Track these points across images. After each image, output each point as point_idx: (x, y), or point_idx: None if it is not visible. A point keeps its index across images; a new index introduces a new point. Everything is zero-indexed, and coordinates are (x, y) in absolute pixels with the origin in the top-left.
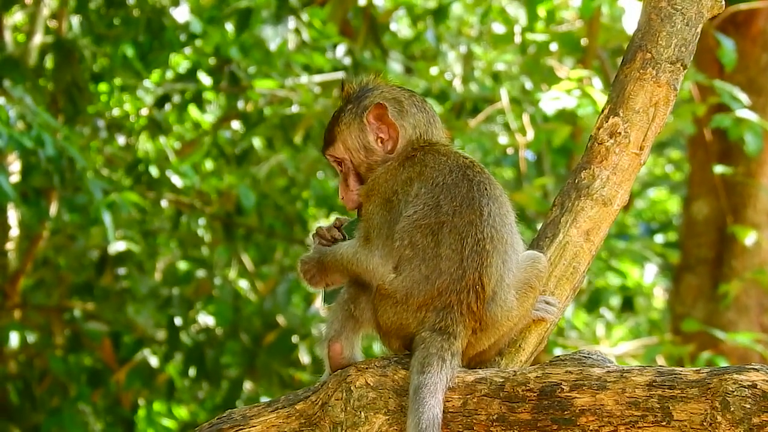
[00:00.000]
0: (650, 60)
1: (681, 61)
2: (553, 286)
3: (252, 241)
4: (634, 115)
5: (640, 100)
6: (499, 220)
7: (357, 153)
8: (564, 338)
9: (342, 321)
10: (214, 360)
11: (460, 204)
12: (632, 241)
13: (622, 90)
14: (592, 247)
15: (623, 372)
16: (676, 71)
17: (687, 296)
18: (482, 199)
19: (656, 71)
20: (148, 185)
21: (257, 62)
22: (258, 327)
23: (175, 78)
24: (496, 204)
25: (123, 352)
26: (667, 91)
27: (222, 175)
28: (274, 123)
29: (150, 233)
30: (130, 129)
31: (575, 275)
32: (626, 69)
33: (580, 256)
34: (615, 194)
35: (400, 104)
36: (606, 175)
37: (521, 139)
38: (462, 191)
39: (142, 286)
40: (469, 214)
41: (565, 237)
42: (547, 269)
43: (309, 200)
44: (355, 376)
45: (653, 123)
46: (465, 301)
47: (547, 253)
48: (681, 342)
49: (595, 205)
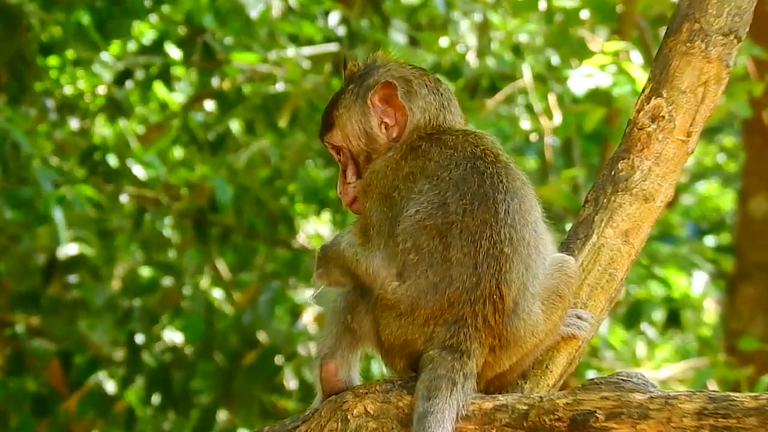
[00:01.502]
0: (699, 31)
1: (735, 32)
2: (585, 296)
3: (229, 243)
4: (680, 96)
5: (687, 78)
6: (519, 218)
7: (356, 140)
8: (598, 359)
9: (337, 336)
10: (182, 384)
11: (470, 202)
12: (678, 245)
13: (665, 67)
14: (632, 250)
15: (668, 398)
16: (729, 44)
17: (743, 309)
18: (497, 195)
19: (706, 44)
20: (106, 177)
21: (235, 32)
22: (235, 345)
23: (138, 50)
24: (516, 199)
25: (74, 374)
26: (719, 67)
27: (193, 165)
28: (255, 103)
29: (107, 233)
30: (85, 110)
31: (612, 284)
32: (671, 42)
33: (617, 261)
34: (658, 188)
35: (409, 84)
36: (647, 165)
37: (547, 124)
38: (472, 187)
39: (97, 296)
40: (482, 213)
41: (599, 239)
42: (577, 275)
43: (296, 194)
44: (352, 403)
45: (702, 105)
46: (481, 314)
47: (578, 258)
48: (737, 363)
49: (635, 201)
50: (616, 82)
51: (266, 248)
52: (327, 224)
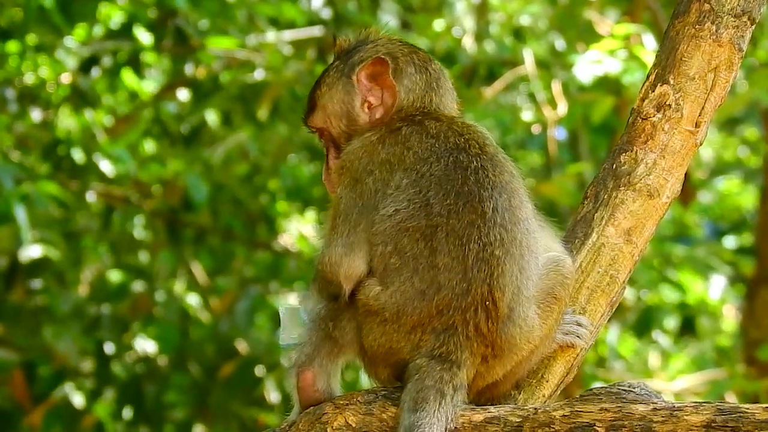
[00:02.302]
0: (709, 12)
1: (748, 14)
2: (584, 300)
3: (204, 245)
4: (688, 83)
5: (695, 63)
6: (509, 216)
7: (337, 120)
8: (606, 370)
9: (316, 343)
10: (155, 397)
11: (455, 202)
12: (695, 246)
13: (672, 51)
14: (635, 250)
15: (673, 410)
16: (741, 27)
17: (764, 316)
18: (483, 192)
19: (716, 27)
20: (71, 173)
21: (211, 15)
22: (212, 355)
23: (105, 35)
24: (504, 195)
25: (39, 387)
26: (730, 52)
27: (165, 160)
28: (233, 93)
29: (73, 234)
30: (48, 100)
31: (613, 286)
32: (678, 24)
33: (619, 262)
34: (663, 183)
35: (395, 60)
36: (652, 158)
37: (551, 114)
38: (455, 185)
39: (63, 302)
40: (468, 214)
41: (600, 237)
42: (574, 275)
43: (277, 192)
44: (332, 415)
45: (712, 92)
46: (472, 322)
47: (577, 258)
48: (756, 375)
49: (639, 197)
50: (627, 69)
51: (245, 251)
52: (311, 224)
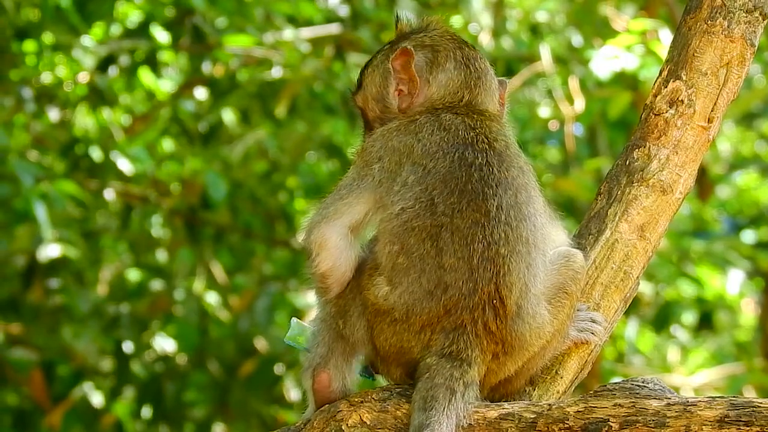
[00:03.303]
0: (720, 8)
1: (760, 9)
2: (598, 296)
3: (223, 243)
4: (701, 79)
5: (707, 59)
6: (515, 213)
7: (373, 104)
8: (624, 365)
9: (329, 343)
10: (174, 396)
11: (458, 200)
12: (712, 241)
13: (685, 46)
14: (648, 246)
15: (687, 405)
16: (753, 22)
17: None
18: (487, 191)
19: (728, 22)
20: (89, 172)
21: (228, 13)
22: (231, 354)
23: (122, 34)
24: (510, 191)
25: (58, 386)
26: (743, 47)
27: (184, 159)
28: (250, 91)
29: (92, 234)
30: (65, 100)
31: (627, 282)
32: (690, 20)
33: (632, 258)
34: (677, 179)
35: (435, 54)
36: (665, 154)
37: (568, 110)
38: (459, 183)
39: (81, 302)
40: (472, 212)
41: (613, 233)
42: (584, 269)
43: (296, 190)
44: (347, 413)
45: (724, 88)
46: (481, 320)
47: (591, 254)
48: None
49: (652, 193)
50: (644, 64)
51: (264, 248)
52: None
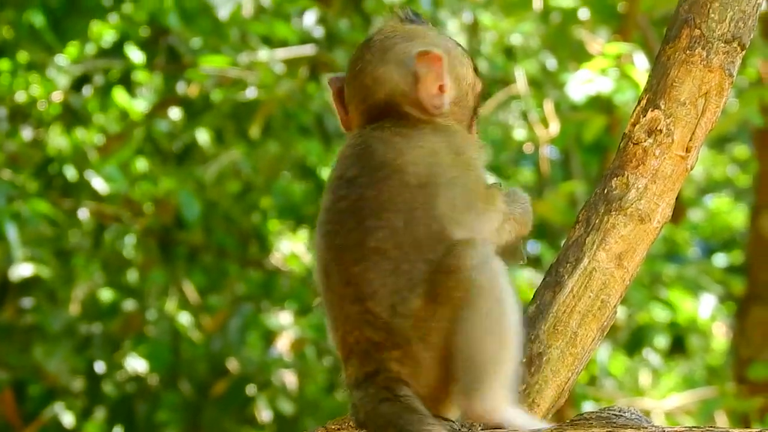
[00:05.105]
0: (699, 38)
1: (738, 39)
2: (575, 324)
3: (196, 264)
4: (679, 108)
5: (686, 88)
6: (359, 233)
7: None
8: (597, 389)
9: None
10: (146, 416)
11: (319, 234)
12: (685, 265)
13: (663, 76)
14: (626, 274)
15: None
16: (731, 52)
17: (755, 335)
18: (339, 204)
19: (707, 52)
20: (63, 191)
21: (203, 33)
22: (203, 374)
23: (96, 54)
24: (365, 209)
25: (29, 406)
26: (721, 77)
27: (157, 179)
28: (225, 111)
29: (65, 253)
30: (39, 119)
31: (604, 311)
32: (669, 49)
33: (610, 287)
34: (654, 208)
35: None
36: (643, 183)
37: (543, 133)
38: (327, 202)
39: (53, 321)
40: (326, 244)
41: (591, 262)
42: (464, 264)
43: (270, 210)
44: None
45: (703, 118)
46: (363, 339)
47: (568, 283)
48: (747, 393)
49: (630, 222)
50: (618, 88)
51: (237, 269)
52: (304, 243)
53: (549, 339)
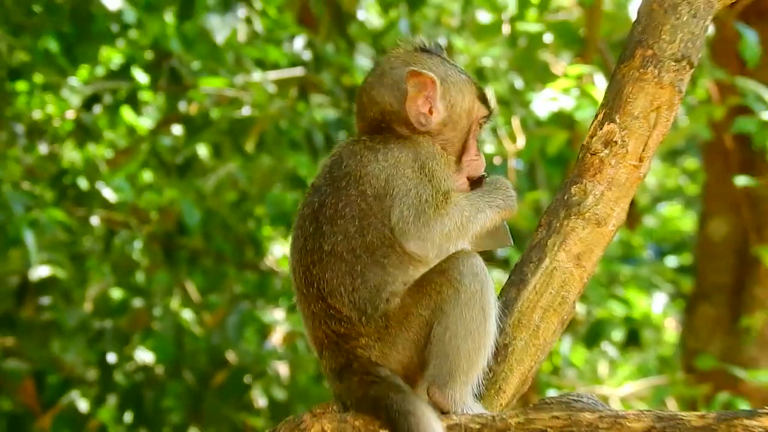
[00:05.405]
0: (651, 57)
1: (687, 58)
2: (538, 318)
3: (197, 266)
4: (633, 122)
5: (639, 104)
6: (326, 238)
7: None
8: (559, 378)
9: None
10: (153, 403)
11: (293, 239)
12: (639, 266)
13: (619, 92)
14: (584, 273)
15: (617, 417)
16: (681, 70)
17: (702, 329)
18: (305, 210)
19: (658, 70)
20: (76, 200)
21: (202, 57)
22: (204, 365)
23: (105, 75)
24: (327, 224)
25: (48, 394)
26: (671, 93)
27: (161, 189)
28: (222, 128)
29: (78, 256)
30: (54, 135)
31: (564, 306)
32: (624, 68)
33: (569, 284)
34: (610, 213)
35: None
36: (600, 190)
37: (510, 147)
38: (299, 207)
39: (69, 317)
40: (297, 247)
41: (552, 262)
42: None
43: (263, 217)
44: (309, 423)
45: (655, 130)
46: (330, 331)
47: (531, 281)
48: (695, 381)
49: (588, 226)
50: (579, 106)
51: (234, 270)
52: None
53: (514, 331)
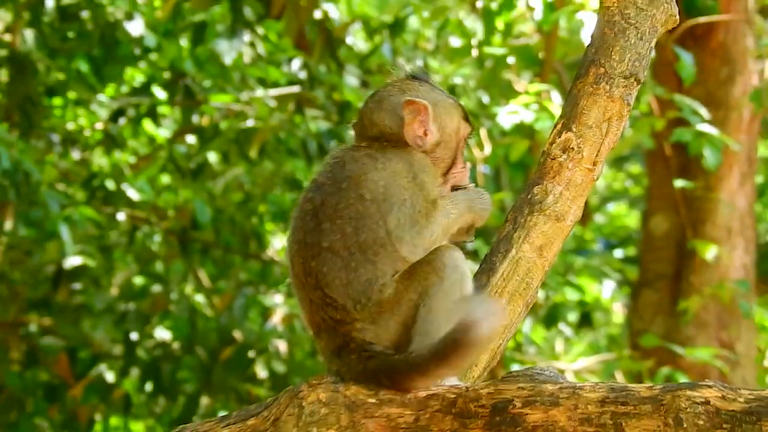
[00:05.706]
0: (603, 75)
1: (635, 75)
2: (506, 301)
3: (208, 256)
4: (587, 131)
5: (593, 115)
6: (321, 233)
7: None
8: (522, 354)
9: None
10: (170, 375)
11: (291, 233)
12: (591, 257)
13: (575, 105)
14: (545, 262)
15: (576, 388)
16: (629, 86)
17: (645, 312)
18: (306, 205)
19: (610, 86)
20: (104, 200)
21: (212, 76)
22: (214, 342)
23: (129, 92)
24: (327, 221)
25: (79, 367)
26: (621, 106)
27: (177, 190)
28: (230, 137)
29: (106, 248)
30: (85, 143)
31: (528, 291)
32: (579, 84)
33: (533, 272)
34: (568, 210)
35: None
36: (559, 190)
37: (479, 154)
38: (300, 201)
39: (98, 301)
40: (295, 237)
41: (518, 253)
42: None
43: (265, 215)
44: (306, 392)
45: (606, 138)
46: (328, 317)
47: (499, 269)
48: (639, 357)
49: (548, 221)
50: (538, 118)
51: (240, 260)
52: None
53: None
